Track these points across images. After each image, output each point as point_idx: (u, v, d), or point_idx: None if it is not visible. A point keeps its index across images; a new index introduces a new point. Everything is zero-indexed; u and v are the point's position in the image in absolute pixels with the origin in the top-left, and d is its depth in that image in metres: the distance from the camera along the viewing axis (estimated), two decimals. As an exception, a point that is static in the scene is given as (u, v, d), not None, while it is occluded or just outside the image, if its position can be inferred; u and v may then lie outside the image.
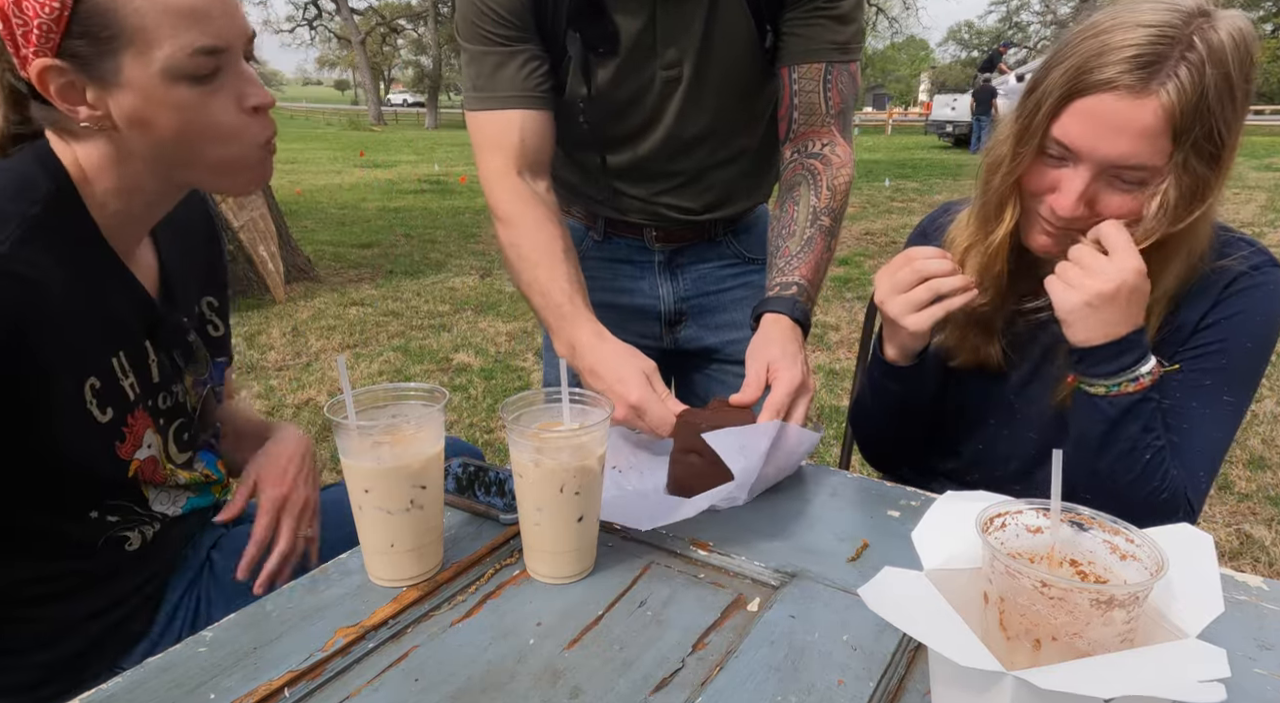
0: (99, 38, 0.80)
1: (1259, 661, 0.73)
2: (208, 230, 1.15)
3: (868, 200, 10.32)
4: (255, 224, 5.25)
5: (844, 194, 1.27)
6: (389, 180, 12.90)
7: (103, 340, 0.92)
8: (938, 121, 21.09)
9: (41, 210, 0.84)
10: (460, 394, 3.82)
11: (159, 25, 0.81)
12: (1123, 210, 0.96)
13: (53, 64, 0.81)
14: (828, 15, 1.23)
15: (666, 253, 1.45)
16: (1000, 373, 1.15)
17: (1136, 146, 0.92)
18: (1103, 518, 0.64)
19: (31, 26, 0.79)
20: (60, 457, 0.89)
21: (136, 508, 0.99)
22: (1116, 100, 0.91)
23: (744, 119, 1.37)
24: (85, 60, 0.81)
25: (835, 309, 5.31)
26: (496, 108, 1.26)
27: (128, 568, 1.00)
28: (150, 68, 0.82)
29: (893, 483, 1.07)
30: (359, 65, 42.16)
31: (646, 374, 1.08)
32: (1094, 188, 0.96)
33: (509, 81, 1.24)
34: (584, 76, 1.25)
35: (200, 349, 1.08)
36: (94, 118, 0.84)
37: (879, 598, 0.61)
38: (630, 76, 1.26)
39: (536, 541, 0.84)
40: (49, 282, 0.84)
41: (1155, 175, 0.94)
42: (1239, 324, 1.02)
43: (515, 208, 1.25)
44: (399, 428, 0.82)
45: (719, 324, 1.49)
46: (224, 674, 0.70)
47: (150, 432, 0.98)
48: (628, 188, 1.39)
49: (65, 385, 0.87)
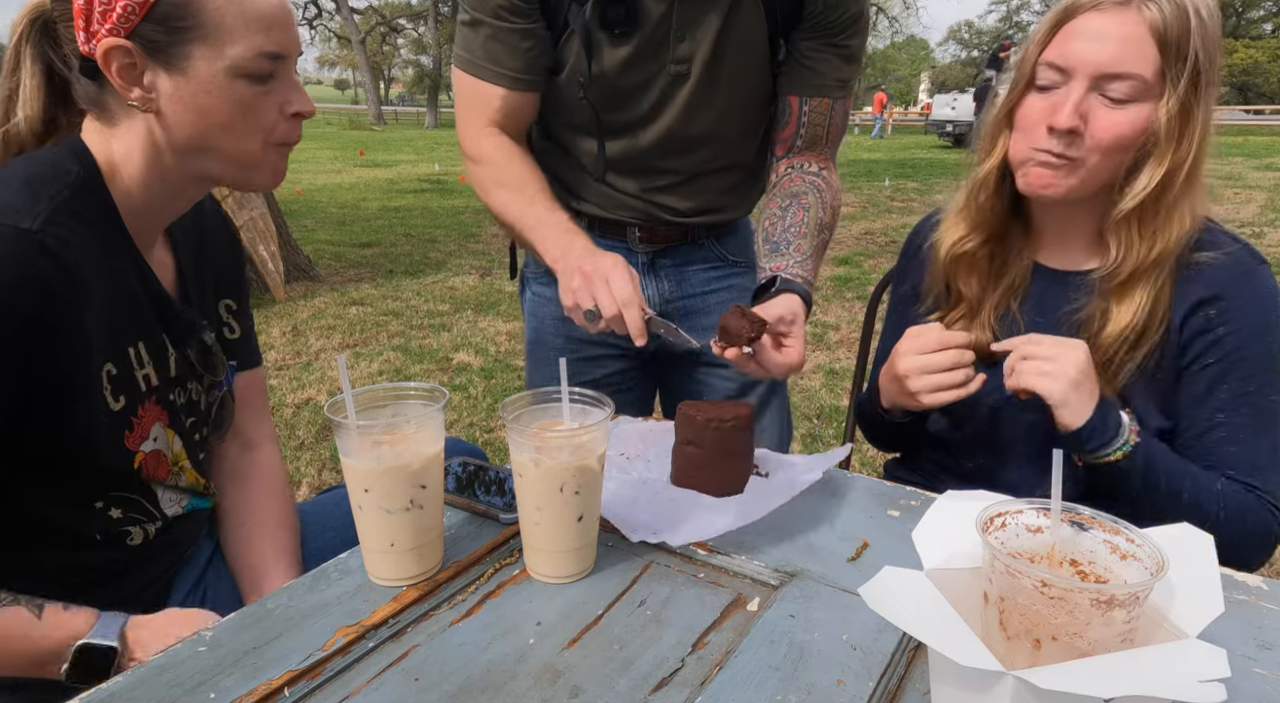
0: (176, 27, 0.86)
1: (1259, 661, 0.73)
2: (224, 236, 1.17)
3: (868, 200, 10.32)
4: (255, 224, 5.25)
5: (837, 217, 1.39)
6: (389, 180, 12.90)
7: (123, 329, 0.94)
8: (938, 121, 21.11)
9: (70, 195, 0.88)
10: (460, 394, 3.82)
11: (236, 26, 0.88)
12: (1116, 128, 0.99)
13: (122, 44, 0.86)
14: (838, 53, 1.29)
15: (650, 254, 1.45)
16: (994, 360, 1.16)
17: (1123, 51, 0.96)
18: (1103, 518, 0.64)
19: (114, 6, 0.84)
20: (70, 439, 0.90)
21: (141, 502, 0.99)
22: (1100, 14, 0.99)
23: (745, 128, 1.38)
24: (155, 45, 0.87)
25: (835, 309, 5.31)
26: (480, 77, 1.28)
27: (133, 567, 1.01)
28: (218, 62, 0.88)
29: (893, 483, 1.07)
30: (359, 65, 42.16)
31: (628, 267, 1.10)
32: (1087, 102, 0.99)
33: (498, 59, 1.26)
34: (587, 54, 1.25)
35: (217, 352, 1.09)
36: (144, 100, 0.89)
37: (879, 598, 0.61)
38: (639, 64, 1.26)
39: (536, 540, 0.84)
40: (77, 262, 0.86)
41: (1146, 92, 0.97)
42: (1248, 328, 1.02)
43: (487, 148, 1.30)
44: (399, 428, 0.82)
45: (704, 327, 1.50)
46: (224, 674, 0.70)
47: (159, 425, 1.00)
48: (621, 181, 1.38)
49: (84, 368, 0.89)
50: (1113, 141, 0.99)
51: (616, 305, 1.05)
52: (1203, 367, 1.03)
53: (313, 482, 2.98)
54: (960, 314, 1.17)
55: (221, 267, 1.15)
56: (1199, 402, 1.04)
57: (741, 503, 0.96)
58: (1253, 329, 1.02)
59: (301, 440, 3.33)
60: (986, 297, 1.15)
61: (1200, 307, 1.03)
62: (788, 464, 1.09)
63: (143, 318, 0.98)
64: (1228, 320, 1.02)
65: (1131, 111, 0.98)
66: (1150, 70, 0.96)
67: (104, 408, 0.91)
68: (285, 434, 3.38)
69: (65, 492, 0.93)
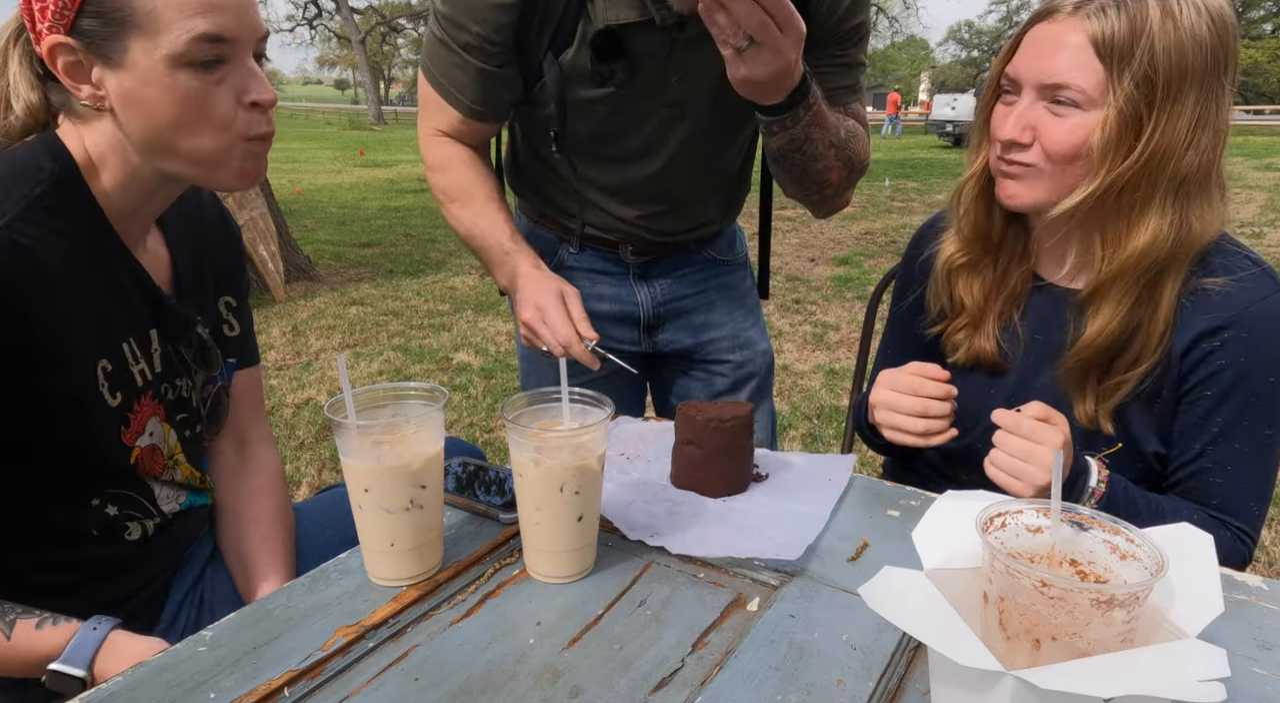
0: (111, 18, 0.82)
1: (1259, 661, 0.73)
2: (224, 232, 1.16)
3: (868, 200, 10.32)
4: (255, 223, 5.25)
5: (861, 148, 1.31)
6: (389, 180, 12.90)
7: (114, 324, 0.94)
8: (938, 121, 21.11)
9: (44, 191, 0.87)
10: (460, 394, 3.82)
11: (167, 11, 0.82)
12: (1063, 138, 0.98)
13: (63, 41, 0.83)
14: (839, 64, 1.27)
15: (641, 265, 1.46)
16: (999, 371, 1.15)
17: (1063, 61, 0.97)
18: (1103, 518, 0.64)
19: (48, 2, 0.82)
20: (69, 437, 0.90)
21: (138, 498, 0.99)
22: (1051, 24, 0.99)
23: (735, 141, 1.36)
24: (95, 39, 0.83)
25: (835, 309, 5.31)
26: (440, 95, 1.28)
27: (131, 564, 1.01)
28: (155, 52, 0.84)
29: (893, 483, 1.07)
30: (359, 65, 42.16)
31: (563, 294, 1.19)
32: (1033, 112, 1.00)
33: (460, 86, 1.25)
34: (560, 111, 1.22)
35: (213, 348, 1.09)
36: (94, 98, 0.86)
37: (879, 598, 0.61)
38: (626, 110, 1.24)
39: (536, 540, 0.84)
40: (53, 257, 0.85)
41: (1091, 103, 0.96)
42: (1256, 360, 0.99)
43: (437, 154, 1.33)
44: (399, 427, 0.82)
45: (696, 325, 1.51)
46: (224, 674, 0.70)
47: (155, 420, 0.99)
48: (611, 206, 1.38)
49: (78, 364, 0.88)
50: (1060, 151, 0.98)
51: (561, 347, 1.16)
52: (1198, 397, 1.01)
53: (313, 482, 2.98)
54: (964, 323, 1.16)
55: (221, 263, 1.14)
56: (1192, 431, 1.03)
57: (743, 530, 0.93)
58: (1256, 361, 0.99)
59: (301, 440, 3.33)
60: (989, 305, 1.14)
61: (1204, 337, 1.00)
62: (787, 464, 1.09)
63: (134, 313, 0.97)
64: (1230, 352, 0.99)
65: (1075, 121, 0.97)
66: (1092, 81, 0.95)
67: (102, 404, 0.91)
68: (285, 434, 3.38)
69: (61, 489, 0.93)
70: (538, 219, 1.48)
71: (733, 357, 1.52)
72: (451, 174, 1.32)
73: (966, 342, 1.16)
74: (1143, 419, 1.05)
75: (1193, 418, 1.02)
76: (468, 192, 1.31)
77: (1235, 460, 1.01)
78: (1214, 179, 0.99)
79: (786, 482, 1.05)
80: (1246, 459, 1.01)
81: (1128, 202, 0.98)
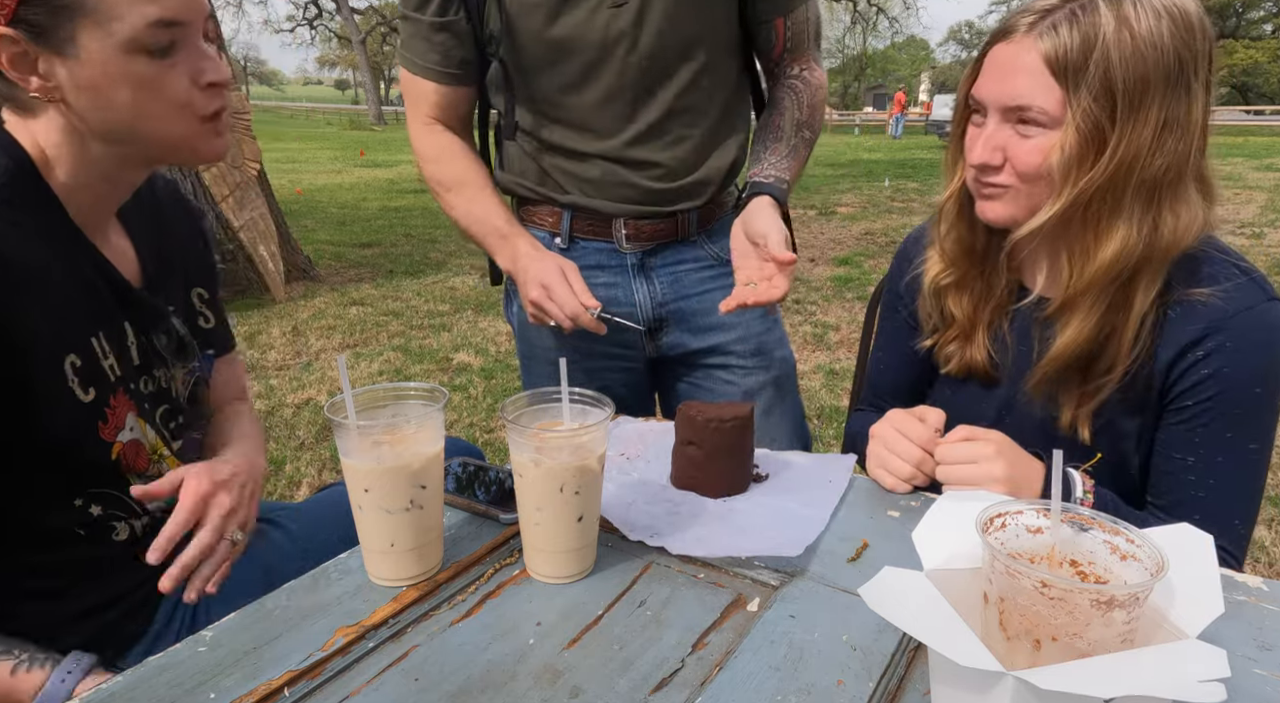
0: (57, 7, 0.81)
1: (1259, 661, 0.73)
2: (189, 223, 1.16)
3: (868, 200, 10.33)
4: (255, 224, 5.25)
5: (821, 112, 1.43)
6: (389, 180, 12.90)
7: (80, 318, 0.93)
8: (938, 121, 21.11)
9: (0, 187, 0.86)
10: (460, 394, 3.82)
11: None
12: (1028, 159, 0.98)
13: (4, 33, 0.81)
14: None
15: (639, 255, 1.42)
16: (991, 381, 1.15)
17: (1020, 84, 0.96)
18: (1103, 518, 0.64)
19: None
20: (43, 436, 0.89)
21: (121, 498, 0.98)
22: (1007, 45, 0.98)
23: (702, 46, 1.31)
24: (39, 30, 0.82)
25: (835, 309, 5.31)
26: (413, 73, 1.35)
27: (121, 565, 1.00)
28: (109, 39, 0.83)
29: (893, 483, 1.07)
30: (359, 65, 42.16)
31: (564, 270, 1.27)
32: (1001, 134, 1.00)
33: (422, 53, 1.32)
34: (504, 21, 1.26)
35: (188, 340, 1.08)
36: (44, 89, 0.85)
37: (879, 598, 0.61)
38: (575, 9, 1.23)
39: (536, 540, 0.84)
40: (12, 253, 0.84)
41: (1055, 122, 0.96)
42: (1239, 371, 0.97)
43: (428, 145, 1.38)
44: (399, 428, 0.82)
45: (702, 327, 1.46)
46: (224, 674, 0.70)
47: (133, 415, 0.98)
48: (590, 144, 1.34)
49: (44, 361, 0.87)
50: (1029, 171, 0.98)
51: (568, 320, 1.25)
52: (1181, 408, 1.00)
53: (313, 482, 2.98)
54: (954, 335, 1.16)
55: (189, 255, 1.13)
56: (1174, 443, 1.01)
57: (743, 530, 0.93)
58: (1240, 373, 0.97)
59: (301, 440, 3.33)
60: (979, 316, 1.13)
61: (1189, 348, 0.98)
62: (787, 464, 1.09)
63: (101, 307, 0.96)
64: (1214, 363, 0.97)
65: (1040, 141, 0.97)
66: (1051, 100, 0.95)
67: (74, 400, 0.90)
68: (285, 434, 3.38)
69: (42, 490, 0.92)
70: (528, 219, 1.46)
71: (745, 363, 1.47)
72: (445, 164, 1.38)
73: (959, 353, 1.16)
74: (1131, 431, 1.05)
75: (1176, 430, 1.01)
76: (462, 180, 1.37)
77: (1218, 474, 0.99)
78: (1188, 180, 0.97)
79: (787, 482, 1.05)
80: (1230, 475, 1.00)
81: (1094, 214, 0.97)
